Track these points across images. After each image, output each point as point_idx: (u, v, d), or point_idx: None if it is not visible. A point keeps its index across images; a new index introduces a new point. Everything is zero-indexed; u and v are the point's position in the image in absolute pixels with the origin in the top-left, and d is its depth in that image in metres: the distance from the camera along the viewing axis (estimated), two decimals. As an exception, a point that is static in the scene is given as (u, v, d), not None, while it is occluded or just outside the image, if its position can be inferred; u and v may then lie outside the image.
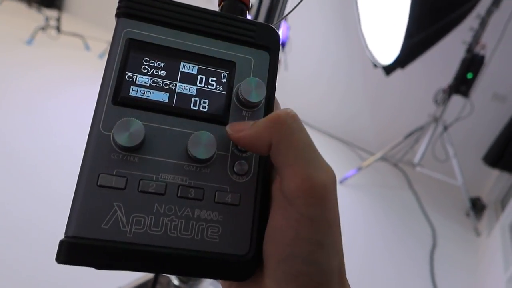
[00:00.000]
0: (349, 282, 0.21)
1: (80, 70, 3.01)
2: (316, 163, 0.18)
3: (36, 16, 4.01)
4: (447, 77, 2.28)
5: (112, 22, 0.23)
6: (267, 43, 0.24)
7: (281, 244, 0.18)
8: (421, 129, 2.35)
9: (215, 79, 0.23)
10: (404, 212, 2.15)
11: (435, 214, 2.19)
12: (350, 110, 3.16)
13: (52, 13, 3.92)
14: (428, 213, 2.16)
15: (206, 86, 0.23)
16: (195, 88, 0.22)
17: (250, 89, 0.22)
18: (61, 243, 0.20)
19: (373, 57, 2.19)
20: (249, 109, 0.23)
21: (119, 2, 0.23)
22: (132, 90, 0.22)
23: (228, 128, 0.21)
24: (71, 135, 1.92)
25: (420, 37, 1.46)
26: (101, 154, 0.20)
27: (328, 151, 2.84)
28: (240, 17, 0.24)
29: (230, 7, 0.25)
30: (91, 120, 0.21)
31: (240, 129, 0.20)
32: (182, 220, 0.21)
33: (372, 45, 2.22)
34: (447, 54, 2.50)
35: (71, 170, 1.48)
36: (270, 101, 0.24)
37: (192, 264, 0.20)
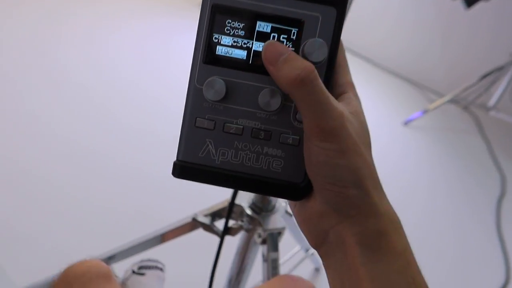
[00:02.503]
0: (406, 229, 0.27)
1: (142, 2, 3.01)
2: (323, 114, 0.24)
3: None
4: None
5: None
6: None
7: (311, 166, 0.26)
8: (501, 69, 2.13)
9: (286, 36, 0.26)
10: (472, 159, 2.03)
11: (506, 162, 2.04)
12: (419, 47, 2.92)
13: None
14: (499, 161, 2.02)
15: None
16: None
17: (313, 50, 0.26)
18: (174, 164, 0.28)
19: (453, -14, 1.96)
20: (313, 64, 0.26)
21: None
22: (218, 50, 0.27)
23: (263, 49, 0.25)
24: (134, 67, 1.96)
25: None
26: (196, 103, 0.27)
27: (393, 91, 2.69)
28: None
29: None
30: (189, 75, 0.27)
31: (270, 59, 0.25)
32: (254, 154, 0.28)
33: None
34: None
35: (135, 102, 1.53)
36: (333, 56, 0.27)
37: (260, 186, 0.28)
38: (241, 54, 0.27)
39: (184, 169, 0.28)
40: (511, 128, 2.31)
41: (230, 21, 0.26)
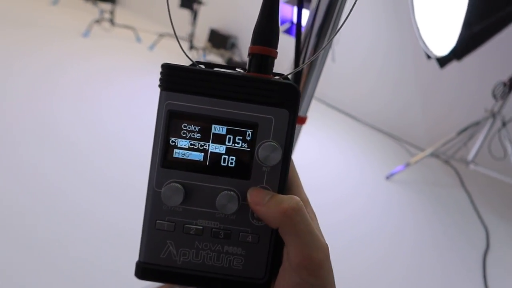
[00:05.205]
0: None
1: (131, 61, 3.12)
2: (313, 243, 0.25)
3: (92, 9, 4.19)
4: (507, 70, 2.13)
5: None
6: (287, 101, 0.27)
7: None
8: (477, 124, 2.22)
9: (241, 137, 0.27)
10: (455, 212, 2.05)
11: (489, 215, 2.07)
12: (400, 104, 3.04)
13: (106, 6, 4.08)
14: (481, 214, 2.05)
15: (233, 145, 0.27)
16: (224, 147, 0.27)
17: (267, 154, 0.26)
18: (137, 265, 0.28)
19: (427, 48, 2.09)
20: (268, 166, 0.27)
21: (160, 75, 0.27)
22: (175, 153, 0.27)
23: (248, 195, 0.27)
24: (122, 122, 1.99)
25: (480, 26, 1.37)
26: (156, 206, 0.28)
27: (375, 145, 2.76)
28: (263, 78, 0.27)
29: (256, 61, 0.28)
30: (148, 178, 0.28)
31: (257, 201, 0.26)
32: (215, 253, 0.28)
33: (426, 35, 2.11)
34: (507, 44, 2.34)
35: (123, 157, 1.54)
36: (287, 157, 0.27)
37: (223, 284, 0.28)
38: (198, 156, 0.27)
39: (146, 270, 0.28)
40: (491, 182, 2.36)
41: (186, 124, 0.27)
